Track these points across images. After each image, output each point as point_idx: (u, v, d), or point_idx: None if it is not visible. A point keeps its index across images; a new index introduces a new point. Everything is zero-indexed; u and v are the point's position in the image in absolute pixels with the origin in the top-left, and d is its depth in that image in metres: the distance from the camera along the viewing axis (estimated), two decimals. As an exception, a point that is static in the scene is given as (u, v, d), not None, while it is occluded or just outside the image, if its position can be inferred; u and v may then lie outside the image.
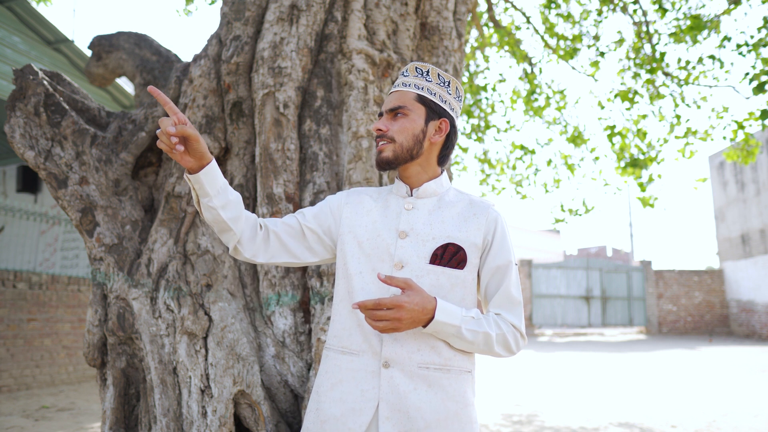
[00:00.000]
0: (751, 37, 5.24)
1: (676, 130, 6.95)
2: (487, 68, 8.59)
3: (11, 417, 4.99)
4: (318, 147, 2.70)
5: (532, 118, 8.54)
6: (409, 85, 1.45)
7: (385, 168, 1.43)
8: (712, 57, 6.11)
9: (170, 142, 1.25)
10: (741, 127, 5.42)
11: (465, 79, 8.22)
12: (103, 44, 3.96)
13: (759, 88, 4.67)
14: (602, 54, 7.31)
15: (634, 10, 6.81)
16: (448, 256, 1.37)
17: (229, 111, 2.79)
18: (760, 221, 16.37)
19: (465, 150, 9.18)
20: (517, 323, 1.37)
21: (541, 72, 8.17)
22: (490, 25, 7.88)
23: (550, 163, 8.73)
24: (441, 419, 1.32)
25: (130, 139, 2.77)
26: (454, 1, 3.36)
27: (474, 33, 8.17)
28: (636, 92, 6.94)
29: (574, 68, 7.55)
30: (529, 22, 7.56)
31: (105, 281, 2.59)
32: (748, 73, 4.92)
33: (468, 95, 8.16)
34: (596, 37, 7.43)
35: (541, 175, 21.68)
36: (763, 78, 4.75)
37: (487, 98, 8.38)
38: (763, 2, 5.25)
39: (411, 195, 1.47)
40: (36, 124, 2.59)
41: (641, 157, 7.11)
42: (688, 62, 6.42)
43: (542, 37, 7.49)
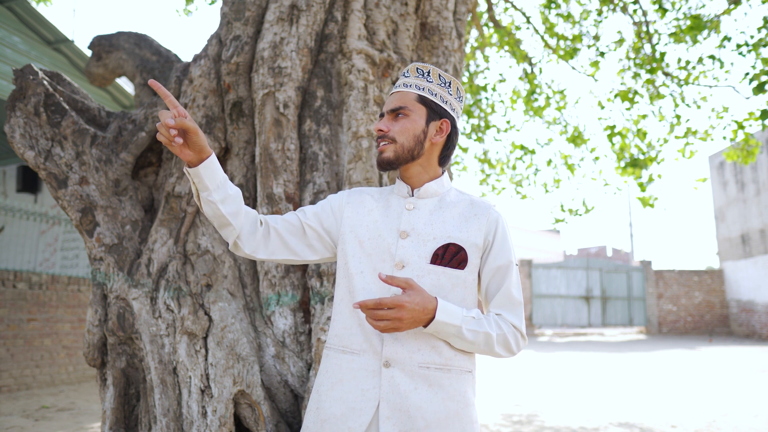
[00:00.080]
0: (751, 37, 5.24)
1: (676, 130, 6.95)
2: (487, 68, 8.59)
3: (11, 417, 4.99)
4: (318, 147, 2.70)
5: (532, 118, 8.54)
6: (410, 86, 1.46)
7: (386, 168, 1.44)
8: (712, 57, 6.11)
9: (169, 135, 1.26)
10: (741, 127, 5.42)
11: (465, 79, 8.22)
12: (103, 44, 3.95)
13: (759, 88, 4.67)
14: (602, 54, 7.31)
15: (634, 10, 6.81)
16: (449, 256, 1.38)
17: (229, 111, 2.79)
18: (760, 221, 16.37)
19: (465, 150, 9.18)
20: (518, 323, 1.37)
21: (541, 72, 8.17)
22: (490, 25, 7.88)
23: (550, 163, 8.73)
24: (441, 419, 1.32)
25: (130, 139, 2.77)
26: (454, 1, 3.36)
27: (474, 33, 8.17)
28: (636, 92, 6.94)
29: (574, 68, 7.55)
30: (529, 22, 7.56)
31: (105, 281, 2.59)
32: (748, 73, 4.92)
33: (468, 95, 8.16)
34: (596, 37, 7.43)
35: (541, 175, 21.68)
36: (763, 78, 4.75)
37: (487, 98, 8.38)
38: (763, 2, 5.25)
39: (412, 195, 1.47)
40: (36, 124, 2.59)
41: (641, 157, 7.11)
42: (688, 62, 6.41)
43: (542, 37, 7.49)
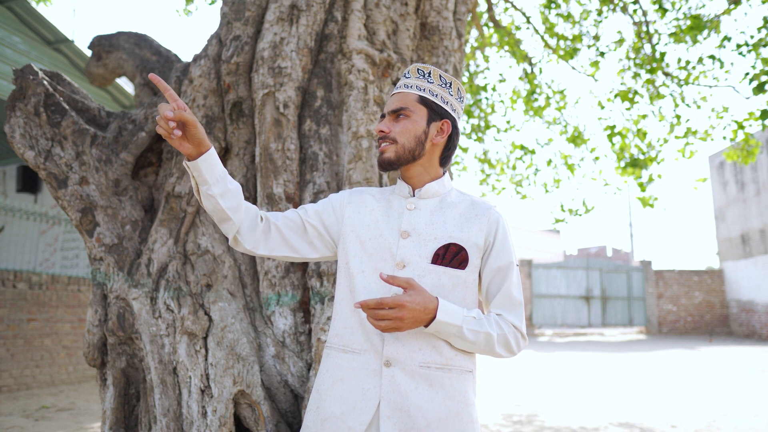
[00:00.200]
0: (751, 37, 5.24)
1: (676, 130, 6.94)
2: (487, 68, 8.59)
3: (11, 417, 4.99)
4: (318, 147, 2.70)
5: (532, 118, 8.53)
6: (411, 87, 1.46)
7: (387, 169, 1.44)
8: (712, 57, 6.11)
9: (168, 127, 1.26)
10: (741, 127, 5.42)
11: (465, 79, 8.22)
12: (103, 44, 3.95)
13: (759, 88, 4.67)
14: (602, 54, 7.31)
15: (634, 10, 6.81)
16: (450, 256, 1.38)
17: (229, 111, 2.79)
18: (760, 221, 16.37)
19: (465, 150, 9.18)
20: (518, 324, 1.37)
21: (541, 72, 8.17)
22: (490, 25, 7.88)
23: (550, 163, 8.72)
24: (442, 418, 1.32)
25: (130, 139, 2.77)
26: (454, 1, 3.36)
27: (474, 33, 8.17)
28: (636, 92, 6.93)
29: (574, 68, 7.55)
30: (529, 22, 7.56)
31: (105, 281, 2.59)
32: (748, 73, 4.92)
33: (468, 95, 8.16)
34: (596, 37, 7.43)
35: (541, 175, 21.68)
36: (763, 78, 4.75)
37: (487, 98, 8.38)
38: (763, 2, 5.25)
39: (413, 195, 1.47)
40: (36, 124, 2.59)
41: (641, 157, 7.11)
42: (688, 62, 6.41)
43: (542, 37, 7.49)
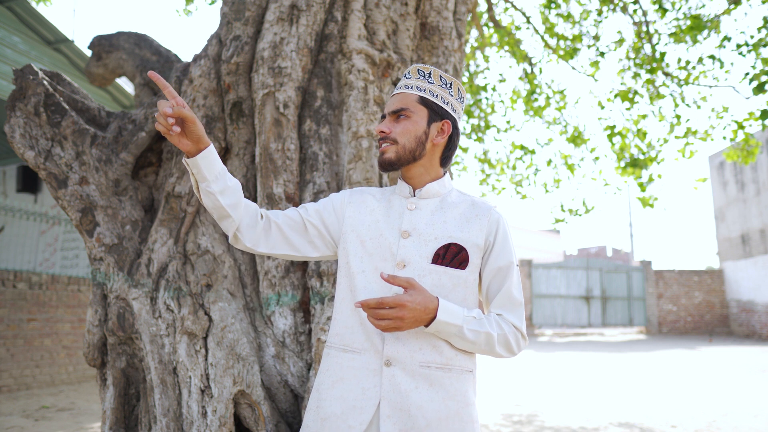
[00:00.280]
0: (751, 37, 5.24)
1: (676, 130, 6.94)
2: (487, 68, 8.59)
3: (11, 417, 4.99)
4: (318, 147, 2.70)
5: (532, 118, 8.53)
6: (411, 87, 1.46)
7: (387, 169, 1.44)
8: (712, 57, 6.11)
9: (167, 123, 1.25)
10: (741, 127, 5.42)
11: (465, 79, 8.22)
12: (103, 44, 3.95)
13: (759, 88, 4.67)
14: (602, 54, 7.31)
15: (634, 10, 6.81)
16: (450, 256, 1.38)
17: (229, 111, 2.79)
18: (760, 221, 16.37)
19: (465, 150, 9.18)
20: (518, 324, 1.37)
21: (541, 72, 8.17)
22: (490, 25, 7.88)
23: (550, 163, 8.72)
24: (442, 418, 1.32)
25: (130, 139, 2.77)
26: (454, 1, 3.36)
27: (474, 33, 8.17)
28: (636, 92, 6.93)
29: (574, 68, 7.55)
30: (529, 22, 7.56)
31: (105, 281, 2.59)
32: (748, 73, 4.92)
33: (468, 95, 8.16)
34: (596, 37, 7.43)
35: (541, 175, 21.69)
36: (763, 78, 4.75)
37: (487, 98, 8.38)
38: (763, 2, 5.25)
39: (414, 195, 1.48)
40: (36, 124, 2.59)
41: (641, 157, 7.11)
42: (688, 62, 6.41)
43: (542, 37, 7.49)
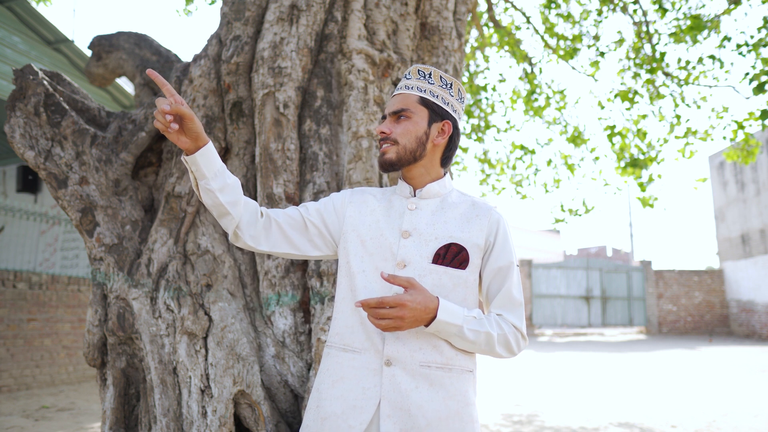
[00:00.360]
0: (751, 37, 5.24)
1: (676, 130, 6.94)
2: (487, 68, 8.59)
3: (11, 417, 4.99)
4: (318, 147, 2.70)
5: (532, 118, 8.53)
6: (412, 88, 1.46)
7: (388, 170, 1.44)
8: (712, 57, 6.11)
9: (165, 121, 1.25)
10: (741, 127, 5.42)
11: (465, 79, 8.22)
12: (103, 44, 3.95)
13: (759, 88, 4.67)
14: (602, 54, 7.31)
15: (634, 10, 6.81)
16: (451, 256, 1.38)
17: (229, 111, 2.79)
18: (760, 221, 16.37)
19: (465, 150, 9.18)
20: (519, 324, 1.37)
21: (541, 72, 8.17)
22: (490, 25, 7.88)
23: (550, 163, 8.72)
24: (442, 418, 1.32)
25: (130, 139, 2.77)
26: (454, 1, 3.36)
27: (474, 33, 8.17)
28: (636, 92, 6.93)
29: (574, 68, 7.55)
30: (529, 22, 7.56)
31: (105, 281, 2.59)
32: (748, 73, 4.92)
33: (468, 95, 8.16)
34: (596, 37, 7.43)
35: (541, 175, 21.68)
36: (763, 78, 4.75)
37: (487, 98, 8.38)
38: (763, 2, 5.25)
39: (414, 195, 1.48)
40: (36, 124, 2.59)
41: (641, 157, 7.11)
42: (688, 62, 6.41)
43: (542, 37, 7.49)
